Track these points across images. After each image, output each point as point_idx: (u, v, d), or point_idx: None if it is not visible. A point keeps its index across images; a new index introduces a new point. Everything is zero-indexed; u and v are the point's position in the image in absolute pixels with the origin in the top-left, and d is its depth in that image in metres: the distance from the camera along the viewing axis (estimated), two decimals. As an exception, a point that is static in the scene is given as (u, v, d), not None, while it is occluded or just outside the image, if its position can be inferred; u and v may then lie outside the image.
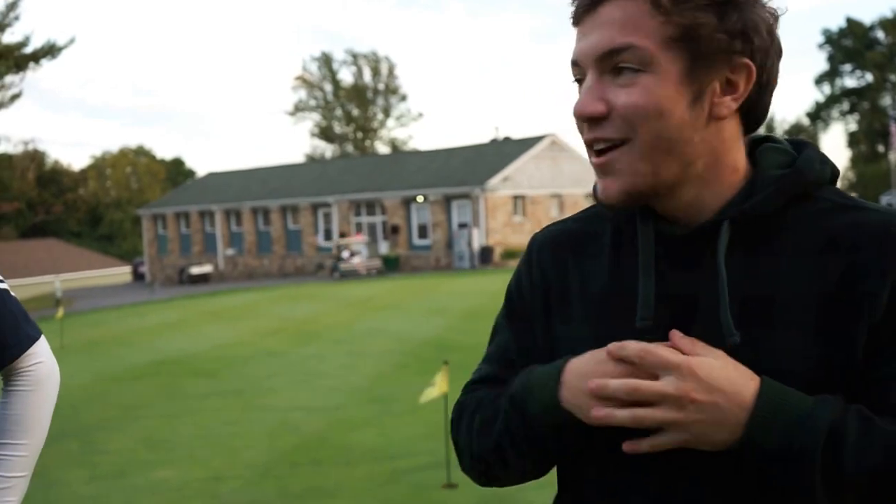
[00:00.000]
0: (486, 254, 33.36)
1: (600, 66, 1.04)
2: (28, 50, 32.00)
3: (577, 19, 1.08)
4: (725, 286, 1.02)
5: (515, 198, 35.63)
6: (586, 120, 1.06)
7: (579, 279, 1.15)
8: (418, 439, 7.13)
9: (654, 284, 1.07)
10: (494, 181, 34.46)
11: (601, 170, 1.07)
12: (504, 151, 37.73)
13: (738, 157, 1.08)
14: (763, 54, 1.05)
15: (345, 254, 34.27)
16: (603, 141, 1.05)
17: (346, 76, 78.16)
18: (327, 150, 73.19)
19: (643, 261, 1.08)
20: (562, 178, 37.75)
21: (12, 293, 1.79)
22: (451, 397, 5.67)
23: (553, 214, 36.85)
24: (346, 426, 7.84)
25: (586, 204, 38.95)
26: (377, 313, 17.80)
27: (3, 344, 1.72)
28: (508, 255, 33.91)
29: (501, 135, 43.62)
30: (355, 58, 71.20)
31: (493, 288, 22.17)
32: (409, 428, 7.56)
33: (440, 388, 5.68)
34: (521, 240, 35.14)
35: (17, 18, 37.97)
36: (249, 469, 6.58)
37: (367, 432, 7.54)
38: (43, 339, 1.81)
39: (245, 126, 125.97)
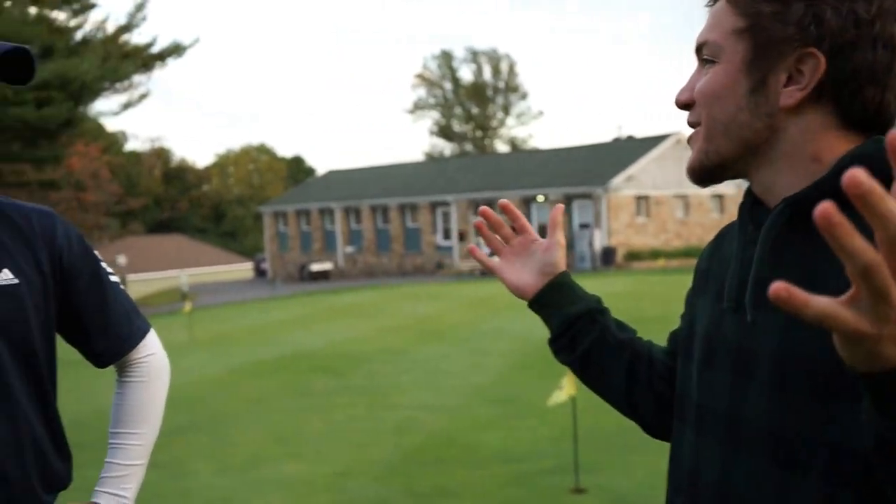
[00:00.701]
0: (608, 255, 32.98)
1: (697, 58, 1.18)
2: (155, 50, 33.42)
3: None
4: (756, 267, 1.10)
5: (639, 198, 35.07)
6: (679, 107, 1.20)
7: (717, 259, 1.25)
8: (545, 442, 7.12)
9: (739, 266, 1.15)
10: (617, 181, 34.02)
11: (689, 144, 1.22)
12: (627, 150, 37.20)
13: (822, 149, 1.10)
14: (843, 45, 1.05)
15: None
16: (691, 124, 1.19)
17: (465, 74, 78.38)
18: (446, 148, 73.77)
19: (737, 244, 1.18)
20: (687, 179, 37.00)
21: (122, 286, 1.86)
22: (579, 400, 5.65)
23: (678, 216, 36.12)
24: (471, 426, 7.90)
25: (713, 205, 38.21)
26: (499, 313, 17.84)
27: (118, 336, 1.80)
28: (632, 256, 33.42)
29: (624, 133, 43.07)
30: (475, 56, 71.51)
31: (615, 290, 21.91)
32: (536, 430, 7.56)
33: (567, 391, 5.66)
34: (644, 241, 34.59)
35: (144, 19, 39.68)
36: (376, 466, 6.71)
37: (492, 433, 7.58)
38: (153, 331, 1.89)
39: (365, 124, 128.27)
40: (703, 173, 1.21)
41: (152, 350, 1.86)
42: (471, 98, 71.75)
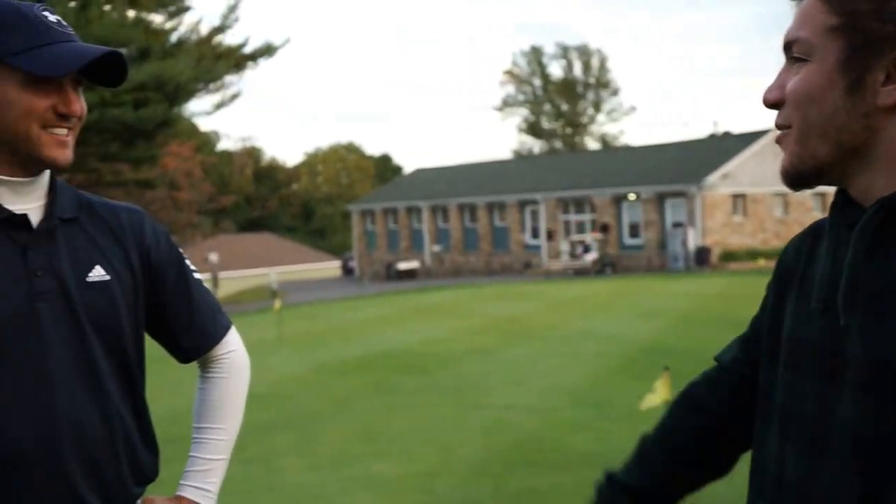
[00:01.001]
0: (702, 255, 32.35)
1: (786, 55, 1.16)
2: (247, 50, 34.14)
3: None
4: (849, 269, 1.09)
5: (735, 196, 34.32)
6: (767, 106, 1.18)
7: (805, 259, 1.23)
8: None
9: (830, 267, 1.13)
10: (713, 178, 33.35)
11: (779, 146, 1.19)
12: (723, 147, 36.44)
13: None
14: None
15: (578, 249, 34.57)
16: (781, 126, 1.16)
17: (555, 70, 78.08)
18: (535, 145, 73.50)
19: (827, 244, 1.17)
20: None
21: (204, 284, 1.89)
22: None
23: (777, 215, 35.23)
24: (562, 428, 7.83)
25: (813, 203, 37.17)
26: (590, 314, 17.67)
27: (203, 332, 1.83)
28: (728, 256, 32.71)
29: (720, 129, 42.18)
30: (565, 51, 71.06)
31: (710, 291, 21.49)
32: (628, 434, 7.41)
33: (661, 395, 5.55)
34: (741, 241, 33.83)
35: (236, 20, 40.58)
36: (465, 466, 6.70)
37: (583, 436, 7.49)
38: (234, 328, 1.91)
39: (452, 122, 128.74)
40: (798, 178, 1.17)
41: (234, 347, 1.89)
42: (560, 94, 71.35)
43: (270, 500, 6.19)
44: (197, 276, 1.86)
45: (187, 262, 1.85)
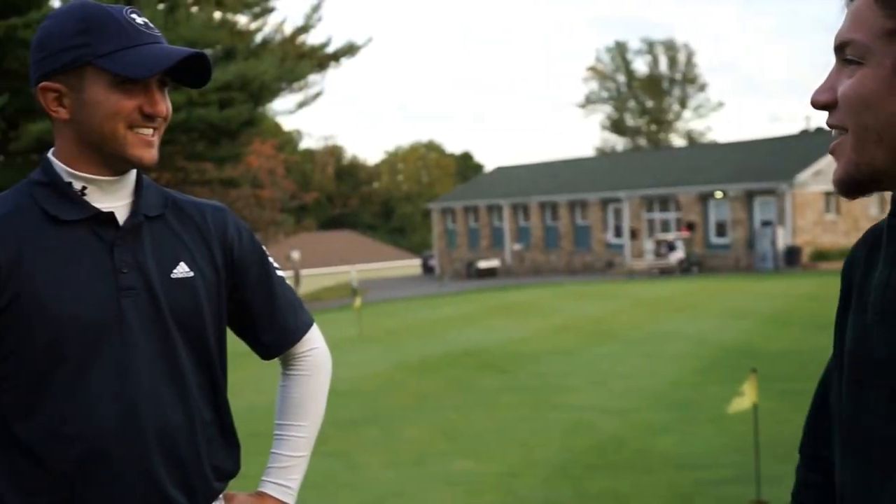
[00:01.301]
0: (792, 255, 31.56)
1: (837, 56, 1.13)
2: (329, 50, 34.58)
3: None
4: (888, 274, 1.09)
5: (828, 194, 33.37)
6: (817, 108, 1.15)
7: (863, 271, 1.20)
8: (723, 450, 6.89)
9: (887, 276, 1.11)
10: (804, 176, 32.52)
11: (832, 155, 1.16)
12: (815, 144, 35.44)
13: None
14: None
15: (663, 248, 34.22)
16: (833, 128, 1.14)
17: (640, 66, 77.07)
18: (618, 143, 72.71)
19: (884, 252, 1.15)
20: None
21: (287, 281, 1.91)
22: (760, 408, 5.43)
23: (873, 213, 34.13)
24: (644, 430, 7.75)
25: (912, 201, 36.01)
26: (673, 315, 17.43)
27: (284, 329, 1.85)
28: (819, 256, 31.85)
29: (812, 125, 41.12)
30: (651, 46, 70.12)
31: (800, 291, 20.98)
32: (713, 437, 7.33)
33: (749, 398, 5.45)
34: (834, 240, 32.92)
35: (319, 20, 41.13)
36: (545, 467, 6.69)
37: (666, 438, 7.40)
38: (316, 326, 1.93)
39: (533, 119, 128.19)
40: (855, 186, 1.14)
41: (315, 344, 1.91)
42: (645, 90, 70.44)
43: (351, 495, 6.27)
44: (280, 273, 1.89)
45: (270, 259, 1.87)
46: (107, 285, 1.60)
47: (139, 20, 1.60)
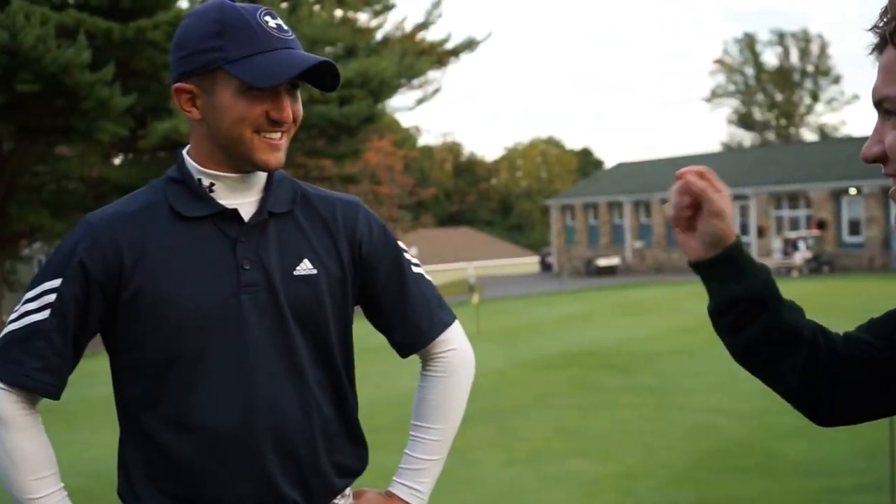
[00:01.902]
0: (933, 255, 30.10)
1: (878, 110, 1.15)
2: (449, 46, 34.78)
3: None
4: None
5: (973, 191, 31.70)
6: (868, 162, 1.18)
7: None
8: (855, 456, 6.64)
9: None
10: (947, 171, 30.96)
11: (893, 200, 1.20)
12: (960, 136, 33.72)
13: None
14: None
15: (789, 248, 33.30)
16: (892, 177, 1.17)
17: (769, 58, 74.77)
18: (746, 138, 70.71)
19: None
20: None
21: (427, 277, 1.88)
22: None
23: None
24: (772, 434, 7.53)
25: None
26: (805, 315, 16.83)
27: (417, 328, 1.82)
28: (962, 257, 30.26)
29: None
30: (781, 38, 67.88)
31: (943, 294, 19.98)
32: (845, 443, 7.06)
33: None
34: (979, 240, 31.21)
35: (439, 16, 41.40)
36: (666, 469, 6.58)
37: (796, 443, 7.17)
38: (457, 324, 1.88)
39: (656, 115, 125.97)
40: None
41: (454, 345, 1.87)
42: (775, 83, 68.25)
43: (468, 492, 6.30)
44: (418, 270, 1.86)
45: (406, 255, 1.84)
46: (228, 281, 1.63)
47: (272, 23, 1.61)
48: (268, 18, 1.61)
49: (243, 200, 1.67)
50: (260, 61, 1.57)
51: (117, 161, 32.87)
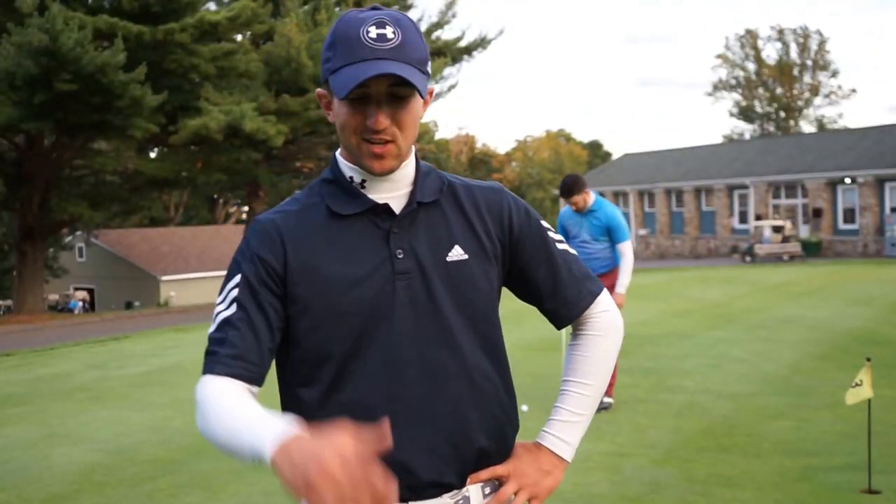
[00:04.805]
0: (924, 241, 29.77)
1: None
2: (462, 44, 34.59)
3: None
4: None
5: (963, 179, 31.32)
6: None
7: None
8: (838, 438, 6.53)
9: None
10: (938, 161, 30.59)
11: None
12: (951, 128, 33.32)
13: None
14: None
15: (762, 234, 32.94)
16: None
17: (770, 53, 73.93)
18: (747, 130, 70.11)
19: None
20: None
21: (572, 251, 1.88)
22: (880, 397, 5.10)
23: None
24: (757, 415, 7.42)
25: None
26: (797, 299, 16.69)
27: (566, 301, 1.82)
28: (952, 243, 29.93)
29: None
30: (781, 33, 67.18)
31: (931, 279, 19.73)
32: (828, 424, 6.96)
33: (868, 387, 5.13)
34: (968, 227, 30.87)
35: (454, 16, 41.20)
36: (653, 449, 6.49)
37: (780, 424, 7.07)
38: (605, 293, 1.88)
39: (663, 108, 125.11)
40: None
41: (606, 307, 1.86)
42: (775, 78, 67.60)
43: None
44: (561, 246, 1.86)
45: (550, 234, 1.85)
46: (383, 271, 1.65)
47: (374, 33, 1.58)
48: (372, 28, 1.58)
49: (393, 194, 1.70)
50: (345, 72, 1.57)
51: (151, 155, 32.98)
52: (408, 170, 1.71)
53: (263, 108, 27.69)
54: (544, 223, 1.86)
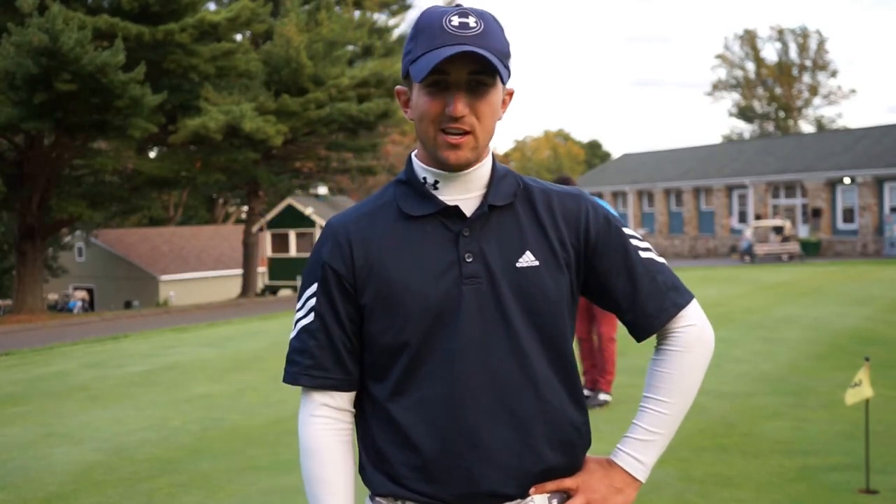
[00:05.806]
0: (922, 241, 29.77)
1: None
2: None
3: None
4: None
5: (962, 179, 31.33)
6: None
7: None
8: (835, 437, 6.53)
9: None
10: (937, 161, 30.60)
11: None
12: (950, 128, 33.33)
13: None
14: None
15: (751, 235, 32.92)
16: None
17: (769, 53, 73.96)
18: (746, 130, 70.12)
19: None
20: None
21: (659, 260, 1.80)
22: (878, 397, 5.09)
23: None
24: (755, 415, 7.42)
25: None
26: (796, 299, 16.68)
27: (645, 312, 1.75)
28: (951, 243, 29.93)
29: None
30: (781, 34, 67.19)
31: (930, 279, 19.74)
32: (826, 424, 6.95)
33: (867, 387, 5.13)
34: (967, 226, 30.87)
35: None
36: (652, 448, 6.48)
37: (777, 423, 7.07)
38: (694, 304, 1.78)
39: (662, 108, 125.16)
40: None
41: (692, 321, 1.76)
42: (774, 78, 67.61)
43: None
44: (647, 255, 1.78)
45: (633, 241, 1.78)
46: (450, 273, 1.63)
47: (456, 21, 1.57)
48: (455, 17, 1.57)
49: (466, 196, 1.67)
50: (426, 58, 1.55)
51: (151, 155, 32.98)
52: (483, 170, 1.67)
53: (263, 107, 27.74)
54: (627, 230, 1.79)
